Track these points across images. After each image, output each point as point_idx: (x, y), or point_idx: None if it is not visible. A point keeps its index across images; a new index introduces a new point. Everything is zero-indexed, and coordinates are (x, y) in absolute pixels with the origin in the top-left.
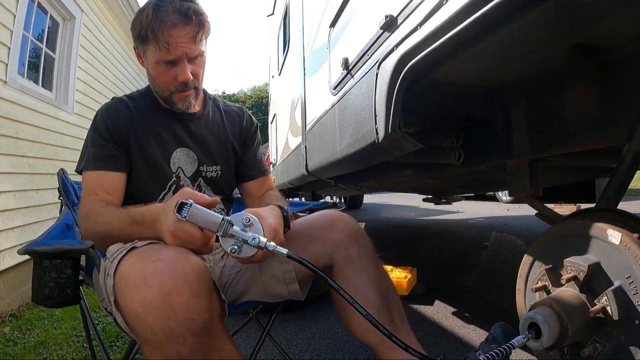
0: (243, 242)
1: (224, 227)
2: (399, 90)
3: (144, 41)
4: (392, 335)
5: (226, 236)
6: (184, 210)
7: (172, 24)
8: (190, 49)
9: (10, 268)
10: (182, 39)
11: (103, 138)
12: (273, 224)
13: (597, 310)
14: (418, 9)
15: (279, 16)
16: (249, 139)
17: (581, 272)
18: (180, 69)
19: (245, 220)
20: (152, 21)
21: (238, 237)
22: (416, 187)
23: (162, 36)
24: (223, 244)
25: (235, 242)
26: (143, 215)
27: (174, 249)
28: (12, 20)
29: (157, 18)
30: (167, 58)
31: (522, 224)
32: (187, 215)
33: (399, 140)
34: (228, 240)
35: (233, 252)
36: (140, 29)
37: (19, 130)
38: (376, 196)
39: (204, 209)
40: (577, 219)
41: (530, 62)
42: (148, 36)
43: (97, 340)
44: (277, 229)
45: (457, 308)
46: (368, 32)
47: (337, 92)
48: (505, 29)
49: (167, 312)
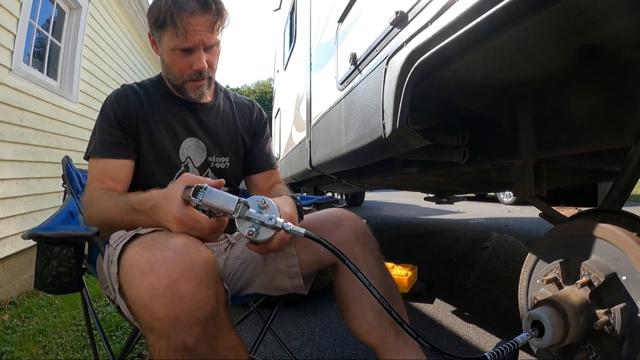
0: (260, 224)
1: (240, 209)
2: (407, 86)
3: (161, 27)
4: (403, 322)
5: (242, 218)
6: (200, 194)
7: (191, 11)
8: (207, 38)
9: (11, 255)
10: (200, 27)
11: (111, 125)
12: (288, 211)
13: (602, 323)
14: (429, 6)
15: (286, 11)
16: (258, 131)
17: (597, 280)
18: (195, 57)
19: (261, 202)
20: (172, 7)
21: (255, 219)
22: (419, 185)
23: (180, 22)
24: (239, 226)
25: (252, 225)
26: (141, 203)
27: (182, 237)
28: (18, 8)
29: (177, 4)
30: (184, 45)
31: (523, 226)
32: (203, 198)
33: (405, 136)
34: (244, 223)
35: (250, 234)
36: (159, 14)
37: (23, 118)
38: (377, 194)
39: (220, 192)
40: (584, 219)
41: (538, 62)
42: (166, 22)
43: (98, 329)
44: (292, 216)
45: (456, 307)
46: (377, 28)
47: (344, 87)
48: (515, 28)
49: (174, 300)
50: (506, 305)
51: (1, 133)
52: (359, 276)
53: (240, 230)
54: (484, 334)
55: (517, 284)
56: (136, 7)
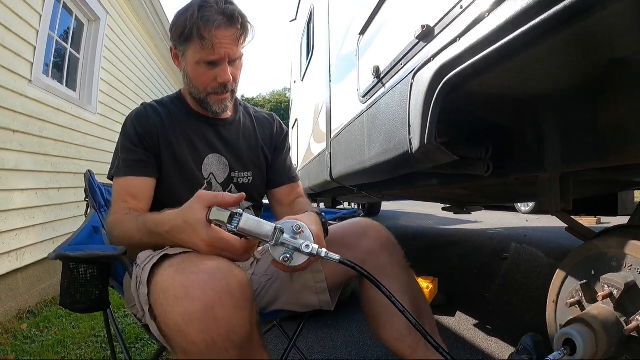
0: (294, 250)
1: (275, 236)
2: (436, 101)
3: (187, 40)
4: (427, 334)
5: (277, 245)
6: (234, 220)
7: (218, 24)
8: (232, 51)
9: (30, 265)
10: (226, 40)
11: (132, 143)
12: (315, 230)
13: (631, 329)
14: (457, 21)
15: (303, 22)
16: (279, 145)
17: (617, 289)
18: (221, 69)
19: (296, 227)
20: (198, 20)
21: (289, 245)
22: (441, 197)
23: (208, 35)
24: (273, 253)
25: (287, 251)
26: (157, 225)
27: (214, 260)
28: (38, 20)
29: (203, 18)
30: (210, 58)
31: (542, 236)
32: (239, 225)
33: (433, 152)
34: (279, 249)
35: (285, 260)
36: (184, 28)
37: (43, 129)
38: (393, 203)
39: (255, 218)
40: (611, 235)
41: (565, 74)
42: (192, 35)
43: (120, 342)
44: (320, 236)
45: (478, 320)
46: (401, 41)
47: (367, 100)
48: (545, 43)
49: (210, 324)
50: (528, 319)
51: (22, 144)
52: (393, 300)
53: (274, 256)
54: (507, 348)
55: (540, 296)
56: (153, 19)
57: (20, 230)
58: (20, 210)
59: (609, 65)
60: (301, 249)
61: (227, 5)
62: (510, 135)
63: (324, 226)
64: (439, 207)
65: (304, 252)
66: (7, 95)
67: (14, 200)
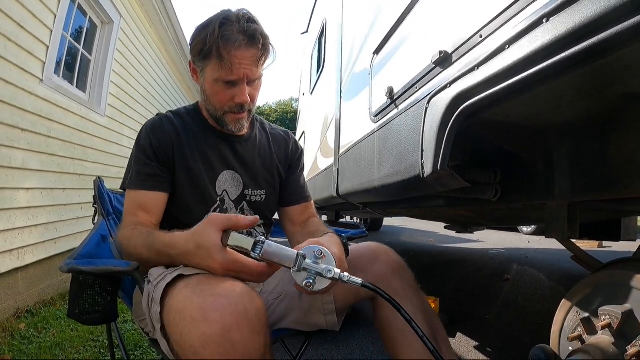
0: (316, 274)
1: (298, 262)
2: (451, 128)
3: (206, 58)
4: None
5: (299, 270)
6: (257, 248)
7: (239, 44)
8: (252, 72)
9: (31, 265)
10: (246, 61)
11: (147, 156)
12: (337, 252)
13: (632, 354)
14: (476, 49)
15: (314, 35)
16: (294, 164)
17: (615, 319)
18: (239, 89)
19: (317, 252)
20: (219, 39)
21: (311, 271)
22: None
23: (227, 55)
24: (296, 278)
25: (309, 276)
26: (166, 247)
27: (232, 283)
28: (52, 20)
29: (224, 37)
30: (228, 78)
31: (543, 257)
32: (262, 253)
33: (445, 177)
34: (301, 274)
35: (308, 286)
36: (204, 45)
37: (51, 129)
38: (395, 219)
39: (277, 245)
40: (616, 268)
41: (579, 107)
42: (211, 53)
43: (122, 351)
44: (342, 258)
45: (479, 342)
46: (417, 64)
47: (378, 120)
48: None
49: (227, 348)
50: (529, 343)
51: (29, 143)
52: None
53: (297, 281)
54: None
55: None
56: (166, 24)
57: (22, 229)
58: (24, 209)
59: (622, 100)
60: (324, 275)
61: (249, 24)
62: (520, 161)
63: (345, 247)
64: (441, 224)
65: (326, 277)
66: (18, 93)
67: (18, 199)
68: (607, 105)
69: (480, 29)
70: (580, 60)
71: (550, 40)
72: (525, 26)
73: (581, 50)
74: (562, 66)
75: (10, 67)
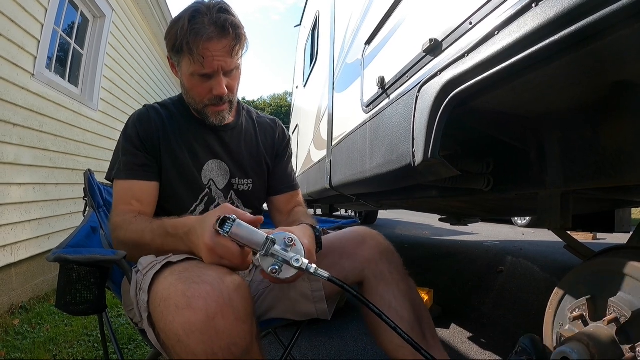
0: (283, 262)
1: (266, 246)
2: (441, 116)
3: (179, 53)
4: (420, 347)
5: (267, 255)
6: (227, 226)
7: (208, 37)
8: (226, 63)
9: (24, 260)
10: (218, 53)
11: (134, 146)
12: (307, 244)
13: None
14: (466, 37)
15: (307, 28)
16: (280, 152)
17: (623, 316)
18: (215, 82)
19: (288, 240)
20: (187, 34)
21: (279, 257)
22: (439, 209)
23: (197, 50)
24: (262, 263)
25: (276, 262)
26: (176, 227)
27: (217, 270)
28: (43, 14)
29: (193, 30)
30: (202, 72)
31: (537, 250)
32: (230, 231)
33: (436, 166)
34: (268, 260)
35: (274, 272)
36: (175, 40)
37: (43, 123)
38: (390, 212)
39: (247, 226)
40: (609, 255)
41: (570, 95)
42: (183, 49)
43: (114, 344)
44: (311, 250)
45: (473, 333)
46: (408, 53)
47: (370, 110)
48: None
49: (211, 335)
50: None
51: (21, 138)
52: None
53: (262, 266)
54: None
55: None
56: (159, 18)
57: (16, 225)
58: (16, 205)
59: (613, 88)
60: (290, 263)
61: (219, 15)
62: (512, 151)
63: (317, 240)
64: (436, 217)
65: (293, 265)
66: (9, 88)
67: (11, 194)
68: (598, 93)
69: (470, 15)
70: (570, 44)
71: (540, 24)
72: (515, 11)
73: (571, 33)
74: (551, 51)
75: (1, 61)
